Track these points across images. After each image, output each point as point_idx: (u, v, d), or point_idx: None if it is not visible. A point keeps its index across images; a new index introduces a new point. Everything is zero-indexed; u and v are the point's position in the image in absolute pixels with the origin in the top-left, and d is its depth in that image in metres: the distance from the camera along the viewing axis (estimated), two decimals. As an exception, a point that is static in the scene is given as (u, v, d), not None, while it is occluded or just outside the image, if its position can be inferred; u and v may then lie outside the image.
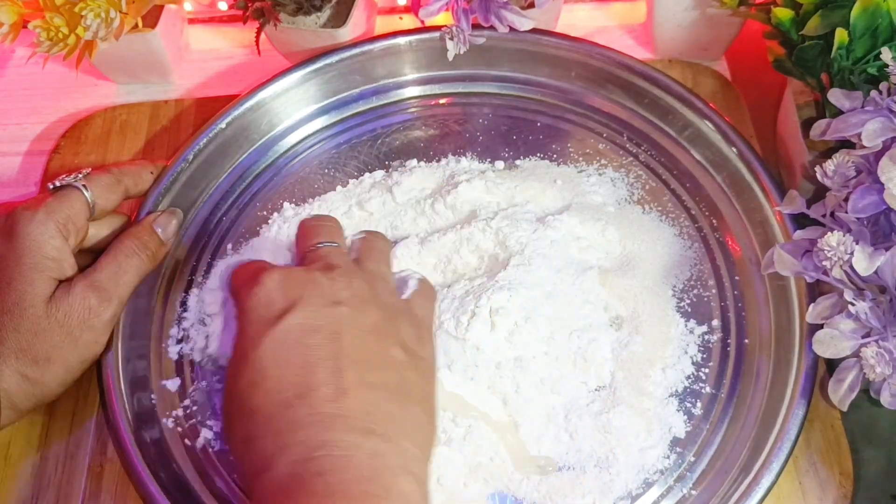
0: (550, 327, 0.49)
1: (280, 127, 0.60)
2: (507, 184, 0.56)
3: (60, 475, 0.49)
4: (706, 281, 0.53)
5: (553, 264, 0.51)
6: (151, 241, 0.51)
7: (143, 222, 0.52)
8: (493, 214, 0.53)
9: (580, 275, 0.51)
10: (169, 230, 0.52)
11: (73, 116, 0.63)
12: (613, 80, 0.60)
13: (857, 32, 0.48)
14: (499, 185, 0.55)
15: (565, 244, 0.52)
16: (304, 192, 0.58)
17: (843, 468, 0.48)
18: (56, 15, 0.52)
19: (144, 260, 0.50)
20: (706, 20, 0.60)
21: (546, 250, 0.51)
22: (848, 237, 0.43)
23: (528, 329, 0.48)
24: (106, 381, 0.48)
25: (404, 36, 0.60)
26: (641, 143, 0.59)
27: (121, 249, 0.49)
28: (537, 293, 0.49)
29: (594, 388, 0.49)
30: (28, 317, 0.45)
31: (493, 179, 0.56)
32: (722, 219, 0.56)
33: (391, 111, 0.62)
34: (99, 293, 0.47)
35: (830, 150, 0.49)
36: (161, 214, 0.53)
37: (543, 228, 0.52)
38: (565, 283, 0.51)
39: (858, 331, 0.44)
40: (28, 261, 0.46)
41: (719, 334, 0.52)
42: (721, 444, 0.48)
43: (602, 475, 0.47)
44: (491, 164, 0.58)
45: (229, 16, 0.68)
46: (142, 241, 0.50)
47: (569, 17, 0.66)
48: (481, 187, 0.55)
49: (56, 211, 0.47)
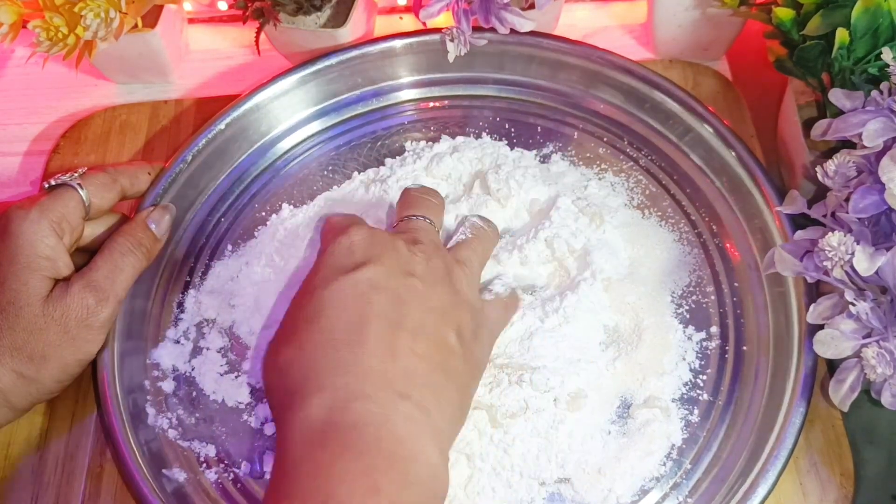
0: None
1: (279, 128, 0.60)
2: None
3: (60, 475, 0.49)
4: (705, 287, 0.53)
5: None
6: (146, 237, 0.51)
7: (137, 219, 0.52)
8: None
9: (588, 286, 0.51)
10: (163, 226, 0.52)
11: (72, 116, 0.63)
12: (614, 84, 0.59)
13: (858, 32, 0.48)
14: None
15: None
16: (304, 194, 0.58)
17: (843, 468, 0.48)
18: (56, 15, 0.52)
19: (140, 258, 0.50)
20: (707, 20, 0.60)
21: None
22: (849, 237, 0.43)
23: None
24: (101, 382, 0.48)
25: (404, 38, 0.60)
26: (642, 147, 0.59)
27: (116, 248, 0.49)
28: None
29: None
30: (24, 316, 0.45)
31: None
32: (721, 224, 0.55)
33: (391, 113, 0.61)
34: (96, 293, 0.47)
35: (831, 151, 0.49)
36: (154, 210, 0.52)
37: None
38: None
39: (859, 331, 0.44)
40: (22, 260, 0.46)
41: (718, 341, 0.51)
42: (718, 452, 0.48)
43: (599, 482, 0.47)
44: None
45: (229, 16, 0.68)
46: (137, 238, 0.50)
47: (569, 17, 0.66)
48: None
49: (50, 209, 0.47)
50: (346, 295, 0.43)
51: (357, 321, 0.42)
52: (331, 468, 0.37)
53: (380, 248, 0.45)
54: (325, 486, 0.36)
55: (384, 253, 0.45)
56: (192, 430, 0.49)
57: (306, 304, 0.43)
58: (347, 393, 0.39)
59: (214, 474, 0.48)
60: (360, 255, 0.45)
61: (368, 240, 0.46)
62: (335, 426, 0.38)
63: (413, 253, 0.46)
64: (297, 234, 0.55)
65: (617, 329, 0.51)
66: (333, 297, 0.43)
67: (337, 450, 0.37)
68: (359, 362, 0.40)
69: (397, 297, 0.43)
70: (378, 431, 0.38)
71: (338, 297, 0.43)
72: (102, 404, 0.48)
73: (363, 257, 0.44)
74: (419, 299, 0.44)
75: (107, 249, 0.49)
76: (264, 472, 0.48)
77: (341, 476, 0.36)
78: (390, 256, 0.45)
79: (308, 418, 0.39)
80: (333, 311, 0.42)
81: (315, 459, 0.37)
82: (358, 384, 0.39)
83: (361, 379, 0.40)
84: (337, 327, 0.42)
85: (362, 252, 0.45)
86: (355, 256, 0.44)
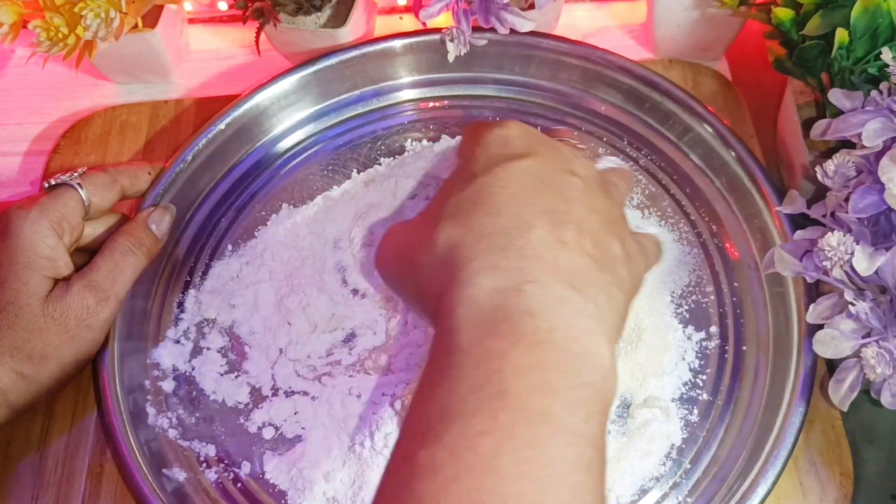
0: None
1: (279, 128, 0.60)
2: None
3: (60, 475, 0.49)
4: (704, 287, 0.53)
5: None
6: (147, 237, 0.51)
7: (138, 219, 0.52)
8: None
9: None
10: (163, 226, 0.52)
11: (73, 116, 0.63)
12: (614, 84, 0.59)
13: (858, 32, 0.48)
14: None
15: None
16: (304, 194, 0.58)
17: (843, 468, 0.48)
18: (56, 15, 0.52)
19: (140, 258, 0.50)
20: (706, 20, 0.60)
21: None
22: (848, 237, 0.43)
23: None
24: (101, 382, 0.48)
25: (404, 38, 0.60)
26: (641, 147, 0.59)
27: (117, 248, 0.49)
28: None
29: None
30: (23, 315, 0.45)
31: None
32: (721, 224, 0.55)
33: (391, 113, 0.61)
34: (97, 293, 0.47)
35: (831, 151, 0.49)
36: (155, 210, 0.52)
37: None
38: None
39: (859, 331, 0.44)
40: (22, 260, 0.46)
41: (717, 341, 0.51)
42: (718, 452, 0.48)
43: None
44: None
45: (229, 16, 0.68)
46: (137, 238, 0.50)
47: (569, 17, 0.66)
48: None
49: (49, 209, 0.47)
50: (512, 181, 0.40)
51: (526, 208, 0.39)
52: (504, 358, 0.34)
53: (540, 144, 0.43)
54: (498, 378, 0.33)
55: (545, 148, 0.42)
56: (192, 430, 0.49)
57: (469, 187, 0.40)
58: (521, 275, 0.36)
59: (214, 474, 0.48)
60: (519, 146, 0.42)
61: (527, 133, 0.43)
62: (507, 311, 0.35)
63: (575, 154, 0.43)
64: (297, 234, 0.55)
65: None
66: (499, 183, 0.40)
67: (512, 338, 0.34)
68: (529, 247, 0.37)
69: (561, 193, 0.40)
70: (553, 322, 0.35)
71: (504, 183, 0.40)
72: (102, 404, 0.48)
73: (523, 149, 0.42)
74: (583, 199, 0.41)
75: (107, 249, 0.49)
76: (264, 471, 0.48)
77: (516, 368, 0.33)
78: (552, 153, 0.42)
79: (475, 298, 0.36)
80: (501, 197, 0.39)
81: (486, 346, 0.34)
82: (532, 269, 0.36)
83: (536, 264, 0.36)
84: (505, 213, 0.38)
85: (522, 144, 0.42)
86: (515, 147, 0.42)
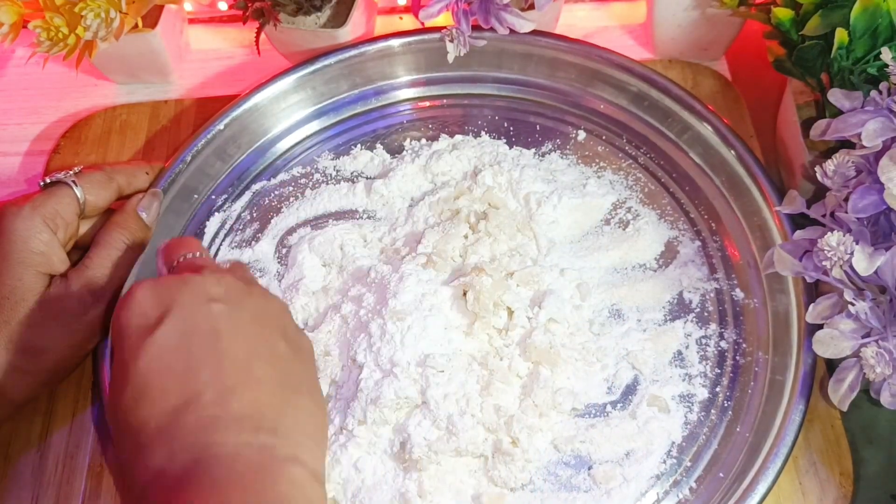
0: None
1: (279, 128, 0.60)
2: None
3: (60, 475, 0.49)
4: (704, 285, 0.53)
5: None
6: (138, 228, 0.51)
7: (128, 208, 0.52)
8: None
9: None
10: (152, 212, 0.53)
11: (73, 116, 0.63)
12: (613, 83, 0.60)
13: (857, 32, 0.48)
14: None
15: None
16: (303, 194, 0.58)
17: (843, 468, 0.48)
18: (56, 15, 0.52)
19: (134, 249, 0.51)
20: (706, 20, 0.60)
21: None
22: (848, 237, 0.43)
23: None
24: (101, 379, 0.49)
25: (403, 37, 0.60)
26: (641, 145, 0.59)
27: (111, 243, 0.49)
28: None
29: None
30: (19, 310, 0.45)
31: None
32: (721, 222, 0.56)
33: (390, 112, 0.62)
34: (93, 288, 0.47)
35: (830, 150, 0.49)
36: (143, 196, 0.53)
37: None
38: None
39: (858, 331, 0.44)
40: (15, 256, 0.46)
41: (716, 339, 0.51)
42: (718, 450, 0.48)
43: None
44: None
45: (229, 16, 0.68)
46: (129, 230, 0.50)
47: (569, 17, 0.66)
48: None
49: (43, 206, 0.48)
50: (161, 355, 0.39)
51: (184, 377, 0.38)
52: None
53: (170, 292, 0.41)
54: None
55: (177, 293, 0.41)
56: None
57: (128, 384, 0.38)
58: (197, 448, 0.36)
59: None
60: (154, 309, 0.40)
61: (154, 290, 0.41)
62: (190, 474, 0.35)
63: (204, 278, 0.42)
64: (297, 234, 0.55)
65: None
66: (151, 365, 0.38)
67: (192, 490, 0.35)
68: (200, 416, 0.37)
69: (211, 331, 0.40)
70: (231, 469, 0.36)
71: (155, 362, 0.38)
72: (102, 401, 0.48)
73: (158, 309, 0.40)
74: (232, 321, 0.40)
75: (102, 243, 0.49)
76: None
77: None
78: (184, 294, 0.41)
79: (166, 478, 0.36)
80: (158, 380, 0.38)
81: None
82: (206, 437, 0.37)
83: (209, 431, 0.37)
84: (168, 393, 0.38)
85: (155, 305, 0.40)
86: (151, 313, 0.40)
